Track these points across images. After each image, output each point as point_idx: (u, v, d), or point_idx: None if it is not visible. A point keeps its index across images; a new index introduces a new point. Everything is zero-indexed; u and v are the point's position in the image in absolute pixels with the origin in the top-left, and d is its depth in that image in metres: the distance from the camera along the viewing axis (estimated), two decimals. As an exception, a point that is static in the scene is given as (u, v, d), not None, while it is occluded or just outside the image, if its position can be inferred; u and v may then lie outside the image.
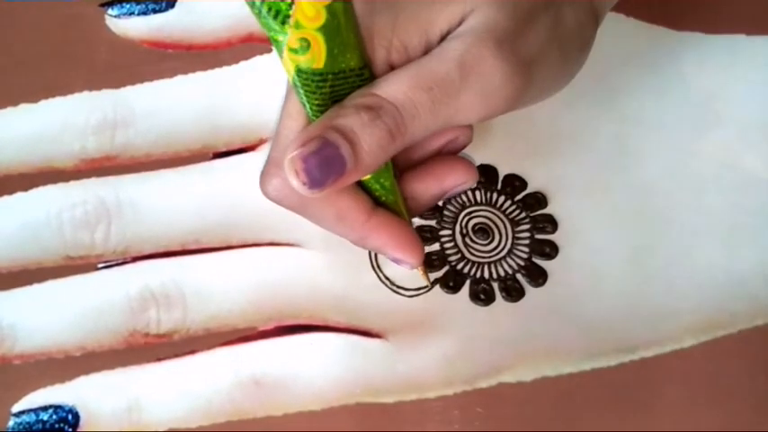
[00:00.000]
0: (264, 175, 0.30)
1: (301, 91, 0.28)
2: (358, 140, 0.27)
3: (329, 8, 0.25)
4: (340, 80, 0.27)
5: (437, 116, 0.28)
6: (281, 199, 0.30)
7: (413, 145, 0.30)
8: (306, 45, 0.26)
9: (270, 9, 0.25)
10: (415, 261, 0.31)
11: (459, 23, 0.29)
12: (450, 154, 0.32)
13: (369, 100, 0.27)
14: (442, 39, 0.29)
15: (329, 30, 0.26)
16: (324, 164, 0.27)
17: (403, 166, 0.32)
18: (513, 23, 0.28)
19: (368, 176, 0.30)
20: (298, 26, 0.25)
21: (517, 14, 0.29)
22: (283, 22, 0.25)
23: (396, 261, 0.31)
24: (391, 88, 0.28)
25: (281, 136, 0.29)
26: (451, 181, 0.32)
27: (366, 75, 0.28)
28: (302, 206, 0.30)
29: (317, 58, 0.26)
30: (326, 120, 0.27)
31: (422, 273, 0.34)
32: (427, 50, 0.29)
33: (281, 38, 0.26)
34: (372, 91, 0.28)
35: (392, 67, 0.29)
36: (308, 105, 0.28)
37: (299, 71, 0.27)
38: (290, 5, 0.25)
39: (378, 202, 0.31)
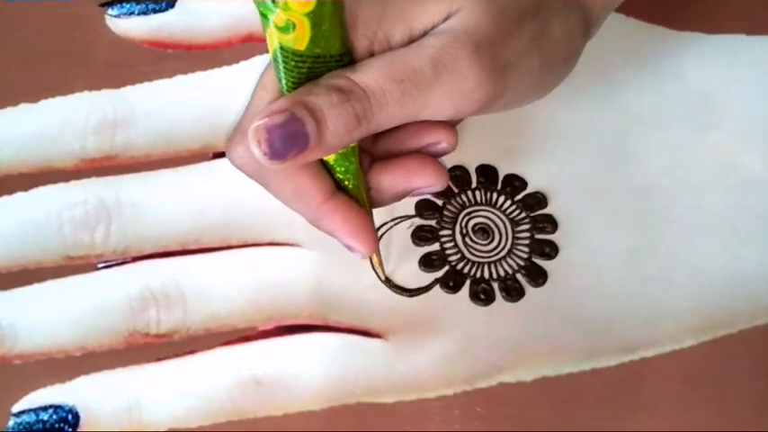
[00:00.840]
0: (231, 142, 0.30)
1: (280, 66, 0.28)
2: (324, 120, 0.28)
3: None
4: (319, 63, 0.28)
5: (404, 108, 0.28)
6: (244, 166, 0.30)
7: (393, 138, 0.31)
8: (291, 26, 0.26)
9: None
10: (366, 250, 0.31)
11: (444, 21, 0.29)
12: (428, 155, 0.32)
13: (341, 82, 0.28)
14: (425, 34, 0.29)
15: (316, 16, 0.26)
16: (287, 137, 0.27)
17: (377, 155, 0.32)
18: (495, 28, 0.29)
19: (332, 158, 0.30)
20: (286, 8, 0.26)
21: (502, 20, 0.29)
22: (273, 1, 0.26)
23: (348, 248, 0.32)
24: (365, 75, 0.28)
25: (252, 105, 0.30)
26: (419, 181, 0.32)
27: (345, 60, 0.28)
28: (263, 176, 0.31)
29: (300, 40, 0.27)
30: (297, 95, 0.28)
31: (377, 264, 0.35)
32: (409, 44, 0.29)
33: (269, 14, 0.26)
34: (346, 74, 0.28)
35: (372, 55, 0.29)
36: (283, 81, 0.28)
37: (281, 48, 0.27)
38: None
39: (339, 187, 0.31)
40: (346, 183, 0.31)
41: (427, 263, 0.37)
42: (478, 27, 0.28)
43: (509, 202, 0.38)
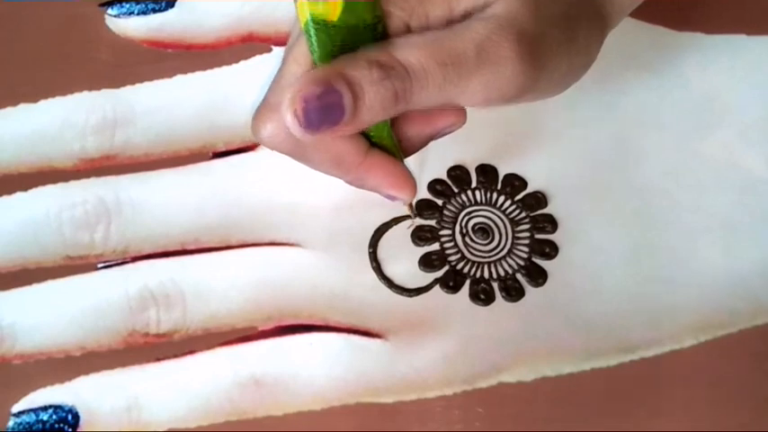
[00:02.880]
0: (258, 119, 0.29)
1: (312, 38, 0.27)
2: (362, 95, 0.27)
3: None
4: (352, 33, 0.27)
5: (443, 92, 0.28)
6: (276, 144, 0.30)
7: (410, 119, 0.30)
8: None
9: None
10: (409, 196, 0.31)
11: (484, 6, 0.29)
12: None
13: (383, 57, 0.27)
14: (464, 17, 0.29)
15: None
16: (323, 109, 0.27)
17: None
18: (535, 20, 0.29)
19: None
20: None
21: (540, 13, 0.29)
22: None
23: (390, 198, 0.32)
24: (408, 52, 0.27)
25: (282, 78, 0.29)
26: (443, 122, 0.31)
27: (379, 29, 0.27)
28: (297, 150, 0.30)
29: (331, 11, 0.26)
30: (336, 66, 0.27)
31: (409, 209, 0.34)
32: (447, 24, 0.29)
33: None
34: (389, 50, 0.27)
35: (408, 29, 0.28)
36: (316, 53, 0.28)
37: (312, 19, 0.26)
38: None
39: (371, 142, 0.31)
40: (376, 139, 0.31)
41: (427, 263, 0.37)
42: (520, 18, 0.28)
43: (509, 202, 0.38)
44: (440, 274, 0.37)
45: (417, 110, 0.29)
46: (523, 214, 0.38)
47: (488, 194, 0.38)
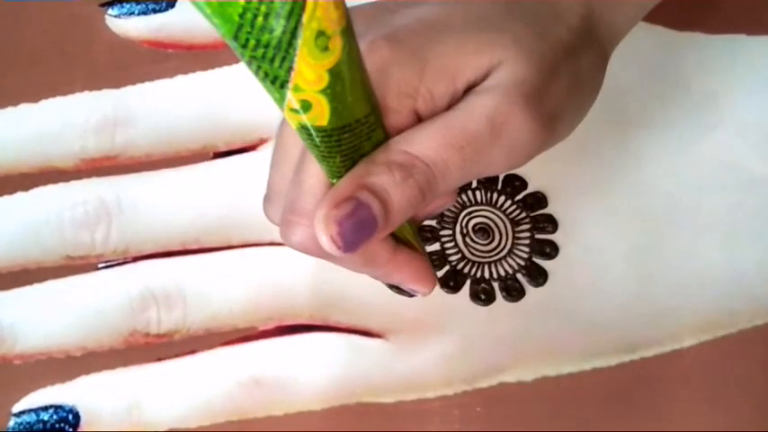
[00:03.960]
0: (288, 224, 0.28)
1: (306, 144, 0.26)
2: (390, 199, 0.26)
3: (332, 70, 0.23)
4: (347, 133, 0.26)
5: (467, 173, 0.28)
6: (309, 249, 0.28)
7: None
8: (307, 105, 0.24)
9: (266, 75, 0.23)
10: (429, 290, 0.31)
11: (486, 74, 0.28)
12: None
13: (401, 158, 0.27)
14: (469, 88, 0.28)
15: (333, 90, 0.24)
16: (358, 227, 0.26)
17: None
18: (539, 77, 0.28)
19: None
20: (297, 90, 0.23)
21: (543, 67, 0.28)
22: (282, 87, 0.23)
23: (412, 291, 0.31)
24: (423, 146, 0.27)
25: (306, 184, 0.28)
26: (435, 204, 0.31)
27: (371, 120, 0.26)
28: (330, 256, 0.28)
29: (320, 117, 0.24)
30: (357, 178, 0.26)
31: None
32: (453, 99, 0.28)
33: (281, 101, 0.24)
34: (404, 148, 0.27)
35: (417, 115, 0.28)
36: (314, 154, 0.27)
37: (301, 128, 0.25)
38: (289, 72, 0.23)
39: (396, 238, 0.30)
40: (400, 233, 0.30)
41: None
42: (525, 79, 0.28)
43: (509, 202, 0.38)
44: (440, 274, 0.37)
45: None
46: (524, 214, 0.38)
47: (489, 194, 0.38)
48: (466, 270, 0.37)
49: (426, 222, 0.38)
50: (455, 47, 0.28)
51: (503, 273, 0.37)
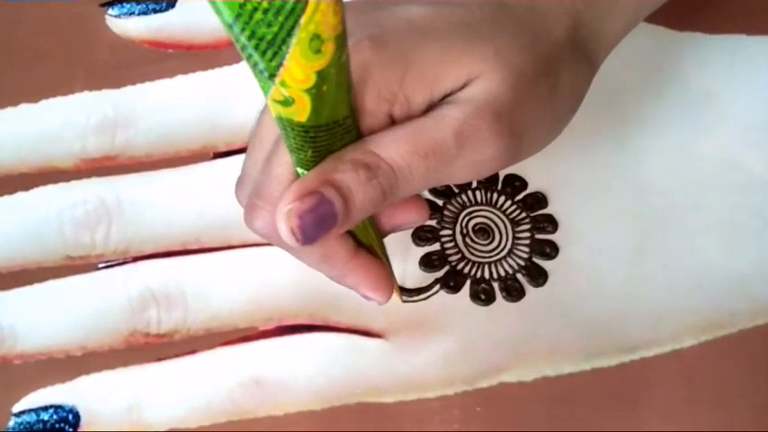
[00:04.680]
0: (252, 207, 0.29)
1: (281, 132, 0.27)
2: (352, 198, 0.27)
3: (321, 72, 0.24)
4: (323, 131, 0.26)
5: (429, 181, 0.28)
6: (269, 236, 0.29)
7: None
8: (290, 101, 0.24)
9: (256, 65, 0.23)
10: (384, 300, 0.32)
11: (463, 86, 0.28)
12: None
13: (367, 158, 0.27)
14: (445, 96, 0.29)
15: (318, 91, 0.24)
16: (318, 221, 0.27)
17: None
18: (513, 95, 0.29)
19: None
20: (284, 85, 0.24)
21: (519, 85, 0.29)
22: (269, 78, 0.24)
23: (365, 297, 0.31)
24: (391, 150, 0.27)
25: (275, 171, 0.28)
26: (402, 219, 0.32)
27: (348, 123, 0.27)
28: (289, 247, 0.30)
29: (300, 113, 0.25)
30: (323, 173, 0.27)
31: (395, 291, 0.34)
32: (429, 106, 0.29)
33: (267, 89, 0.24)
34: (371, 149, 0.27)
35: (392, 118, 0.28)
36: (287, 143, 0.27)
37: (279, 118, 0.26)
38: (278, 67, 0.23)
39: (357, 242, 0.31)
40: (363, 238, 0.31)
41: (428, 263, 0.37)
42: (498, 96, 0.28)
43: (509, 202, 0.38)
44: (440, 274, 0.37)
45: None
46: (524, 214, 0.38)
47: (489, 195, 0.38)
48: (466, 270, 0.37)
49: (426, 222, 0.38)
50: (438, 55, 0.28)
51: (503, 273, 0.37)
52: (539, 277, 0.37)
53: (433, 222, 0.38)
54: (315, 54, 0.23)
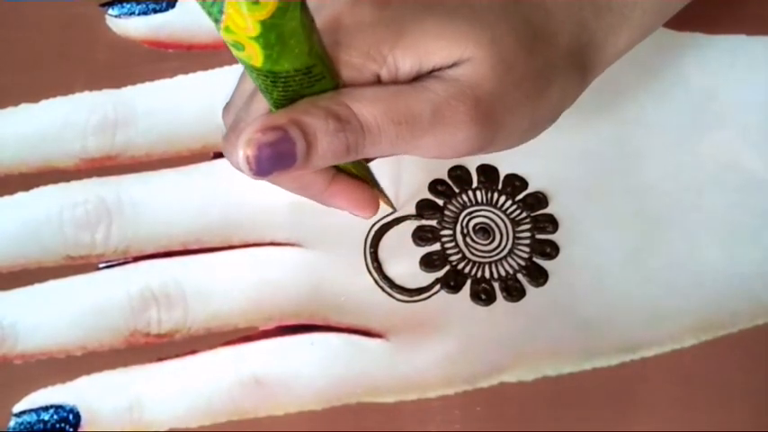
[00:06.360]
0: (227, 140, 0.29)
1: (256, 81, 0.27)
2: (316, 144, 0.27)
3: (265, 23, 0.24)
4: (283, 78, 0.26)
5: (395, 147, 0.29)
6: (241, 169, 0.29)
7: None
8: (240, 46, 0.25)
9: (203, 7, 0.24)
10: (369, 216, 0.34)
11: (453, 65, 0.29)
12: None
13: (341, 110, 0.27)
14: (434, 70, 0.29)
15: (265, 40, 0.24)
16: (275, 157, 0.27)
17: None
18: (499, 86, 0.29)
19: None
20: (228, 30, 0.24)
21: (506, 78, 0.29)
22: (216, 21, 0.24)
23: (353, 214, 0.33)
24: (366, 108, 0.28)
25: (253, 108, 0.29)
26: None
27: (315, 72, 0.27)
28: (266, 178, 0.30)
29: (253, 58, 0.25)
30: (293, 113, 0.27)
31: (385, 203, 0.36)
32: (416, 77, 0.29)
33: (218, 30, 0.25)
34: (346, 102, 0.28)
35: (378, 78, 0.29)
36: (263, 93, 0.28)
37: (240, 60, 0.26)
38: (221, 13, 0.24)
39: (338, 169, 0.32)
40: (344, 166, 0.31)
41: (428, 263, 0.37)
42: (483, 83, 0.28)
43: (510, 202, 0.38)
44: (441, 274, 0.37)
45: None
46: (524, 214, 0.38)
47: (489, 194, 0.38)
48: (466, 270, 0.37)
49: (427, 222, 0.38)
50: (435, 29, 0.28)
51: (503, 273, 0.37)
52: (539, 277, 0.37)
53: (433, 222, 0.38)
54: (253, 5, 0.23)
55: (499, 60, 0.29)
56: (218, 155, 0.39)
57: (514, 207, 0.38)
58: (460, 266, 0.37)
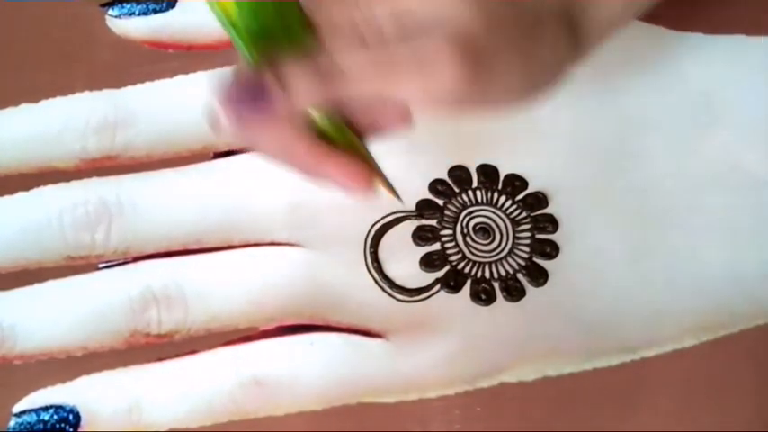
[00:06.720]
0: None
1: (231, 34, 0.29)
2: (292, 83, 0.27)
3: None
4: (263, 39, 0.28)
5: (375, 86, 0.28)
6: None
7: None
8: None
9: None
10: (364, 187, 0.30)
11: (435, 14, 0.28)
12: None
13: (317, 52, 0.28)
14: (414, 20, 0.28)
15: None
16: (250, 101, 0.27)
17: None
18: (484, 32, 0.28)
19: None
20: None
21: (491, 23, 0.28)
22: None
23: (343, 189, 0.31)
24: (343, 50, 0.28)
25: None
26: (380, 118, 0.30)
27: (296, 28, 0.28)
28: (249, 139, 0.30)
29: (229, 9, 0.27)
30: (272, 61, 0.27)
31: (388, 192, 0.33)
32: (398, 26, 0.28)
33: None
34: (324, 45, 0.28)
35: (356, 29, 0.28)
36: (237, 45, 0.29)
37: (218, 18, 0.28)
38: None
39: (323, 136, 0.30)
40: (339, 138, 0.30)
41: (428, 263, 0.37)
42: (468, 33, 0.28)
43: (510, 202, 0.38)
44: (441, 274, 0.37)
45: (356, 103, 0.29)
46: (524, 214, 0.38)
47: (489, 194, 0.39)
48: (466, 270, 0.37)
49: (427, 222, 0.38)
50: None
51: (503, 273, 0.37)
52: (539, 277, 0.37)
53: (433, 222, 0.38)
54: None
55: (482, 7, 0.28)
56: (218, 155, 0.39)
57: (514, 207, 0.38)
58: (460, 266, 0.37)
